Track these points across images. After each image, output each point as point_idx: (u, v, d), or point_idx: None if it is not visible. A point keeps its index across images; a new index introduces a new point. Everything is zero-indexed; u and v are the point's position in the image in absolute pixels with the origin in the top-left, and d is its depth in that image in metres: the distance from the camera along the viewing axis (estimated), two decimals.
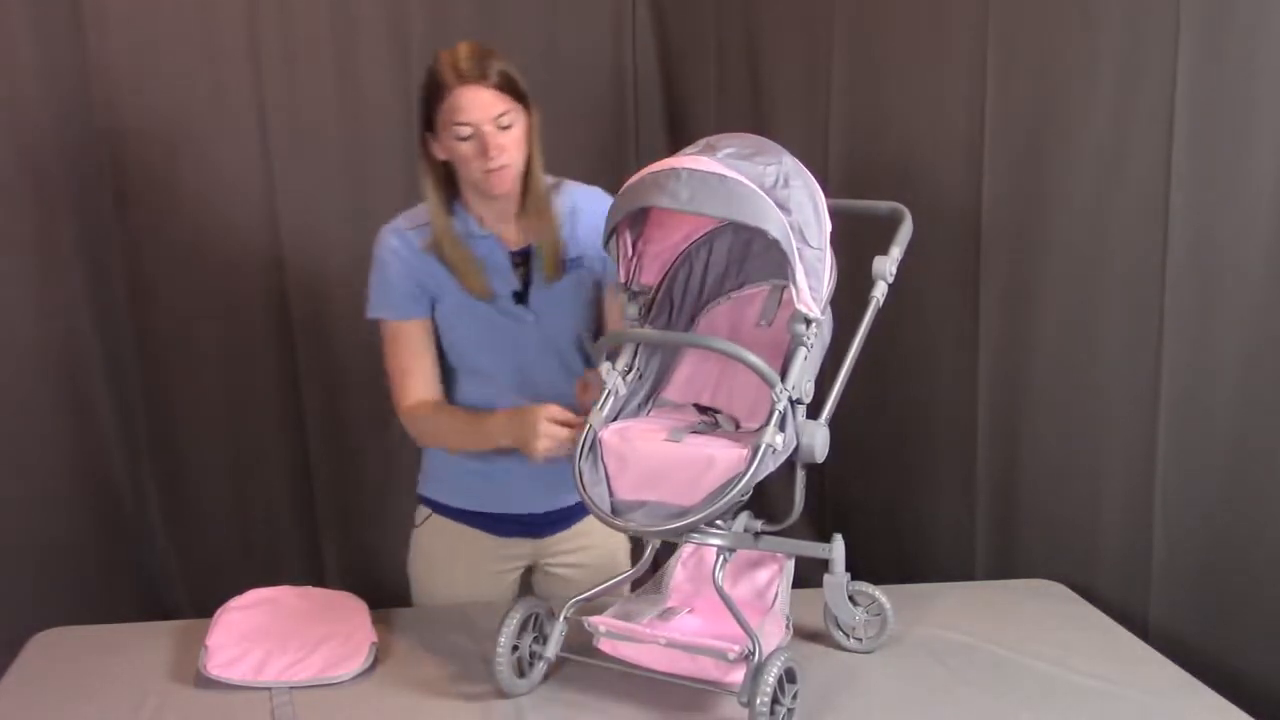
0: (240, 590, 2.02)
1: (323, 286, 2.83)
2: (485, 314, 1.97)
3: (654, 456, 1.64)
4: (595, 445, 1.69)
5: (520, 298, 1.98)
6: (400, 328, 1.99)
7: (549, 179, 1.99)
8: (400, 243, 1.97)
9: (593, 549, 2.14)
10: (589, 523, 2.11)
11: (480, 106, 1.83)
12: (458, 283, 1.95)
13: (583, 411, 1.77)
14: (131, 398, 2.88)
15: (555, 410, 1.80)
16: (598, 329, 2.07)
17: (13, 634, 1.98)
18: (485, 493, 2.07)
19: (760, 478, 1.57)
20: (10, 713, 1.74)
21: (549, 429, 1.77)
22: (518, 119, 1.87)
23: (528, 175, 1.93)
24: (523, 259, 1.99)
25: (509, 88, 1.86)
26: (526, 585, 2.21)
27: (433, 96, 1.86)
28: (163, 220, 2.82)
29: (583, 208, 2.00)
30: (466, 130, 1.84)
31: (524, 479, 2.01)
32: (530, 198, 1.95)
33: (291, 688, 1.75)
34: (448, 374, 2.04)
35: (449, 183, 1.96)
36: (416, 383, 1.99)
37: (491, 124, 1.84)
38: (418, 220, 1.97)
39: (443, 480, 2.11)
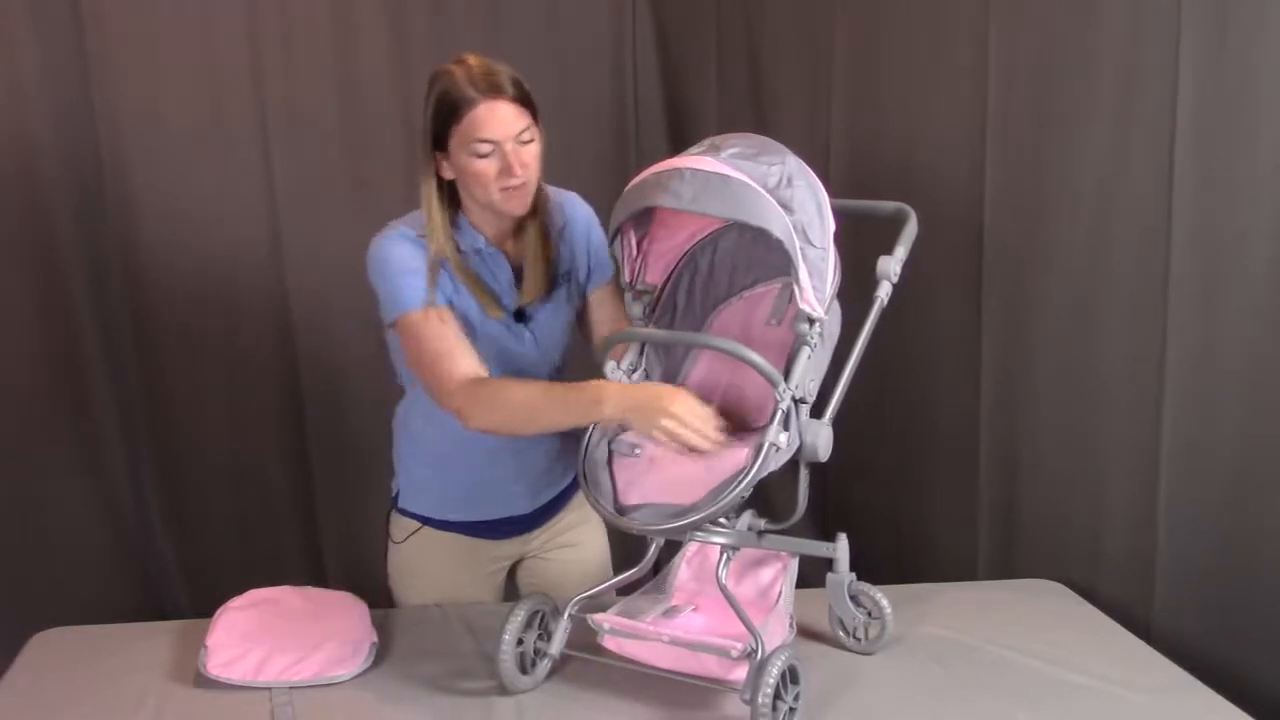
0: (240, 590, 2.02)
1: (323, 286, 2.83)
2: (489, 331, 1.90)
3: (657, 455, 1.64)
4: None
5: (520, 316, 1.93)
6: (431, 314, 1.81)
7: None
8: (414, 245, 1.84)
9: (582, 527, 2.13)
10: (573, 509, 2.12)
11: (503, 123, 1.75)
12: (473, 299, 1.88)
13: None
14: (131, 398, 2.88)
15: (695, 400, 1.65)
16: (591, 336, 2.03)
17: (13, 634, 1.98)
18: (473, 502, 2.03)
19: (763, 476, 1.57)
20: (10, 713, 1.74)
21: (689, 415, 1.61)
22: (535, 134, 1.80)
23: (537, 192, 1.86)
24: (522, 276, 1.92)
25: (526, 101, 1.78)
26: (511, 578, 2.19)
27: (449, 113, 1.76)
28: (162, 220, 2.82)
29: (570, 219, 1.96)
30: (487, 148, 1.75)
31: (510, 484, 2.01)
32: (537, 216, 1.88)
33: (291, 688, 1.75)
34: None
35: (451, 200, 1.88)
36: (462, 357, 1.80)
37: (513, 140, 1.76)
38: (418, 230, 1.87)
39: (428, 493, 2.05)
